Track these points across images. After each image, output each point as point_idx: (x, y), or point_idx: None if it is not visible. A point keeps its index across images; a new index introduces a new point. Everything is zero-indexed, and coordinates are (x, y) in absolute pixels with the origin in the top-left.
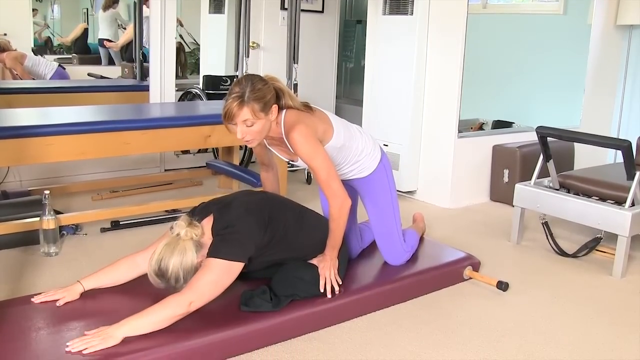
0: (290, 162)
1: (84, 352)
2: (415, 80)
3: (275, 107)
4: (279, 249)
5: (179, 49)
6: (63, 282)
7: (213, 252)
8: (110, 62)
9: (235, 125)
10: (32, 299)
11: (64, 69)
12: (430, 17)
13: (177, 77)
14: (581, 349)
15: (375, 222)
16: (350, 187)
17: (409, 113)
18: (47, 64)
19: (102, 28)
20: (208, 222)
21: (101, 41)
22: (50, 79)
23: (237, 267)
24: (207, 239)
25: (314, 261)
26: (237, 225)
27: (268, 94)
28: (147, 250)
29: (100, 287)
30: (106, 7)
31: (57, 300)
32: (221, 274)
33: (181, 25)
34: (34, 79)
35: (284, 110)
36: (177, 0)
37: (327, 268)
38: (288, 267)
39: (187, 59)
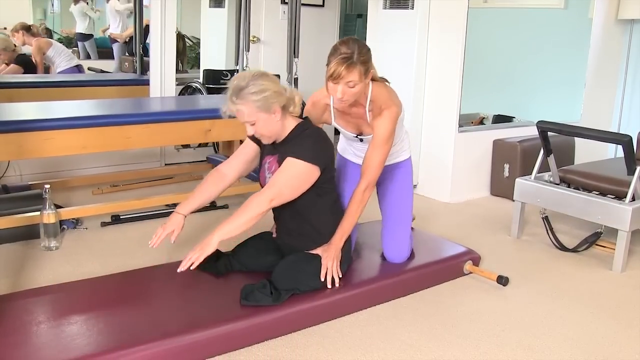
0: (358, 136)
1: (191, 267)
2: (415, 74)
3: (371, 74)
4: (314, 198)
5: (178, 36)
6: (64, 277)
7: (293, 153)
8: (90, 56)
9: (337, 85)
10: (149, 245)
11: (80, 70)
12: (431, 11)
13: (177, 71)
14: (581, 343)
15: (393, 213)
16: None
17: (409, 107)
18: (68, 58)
19: (77, 22)
20: (298, 120)
21: (78, 35)
22: (59, 72)
23: (313, 171)
24: (289, 123)
25: (318, 250)
26: (319, 137)
27: (369, 60)
28: (232, 159)
29: (196, 207)
30: (76, 0)
31: (170, 233)
32: (299, 174)
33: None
34: (49, 67)
35: (370, 82)
36: None
37: (330, 258)
38: (288, 260)
39: (185, 47)
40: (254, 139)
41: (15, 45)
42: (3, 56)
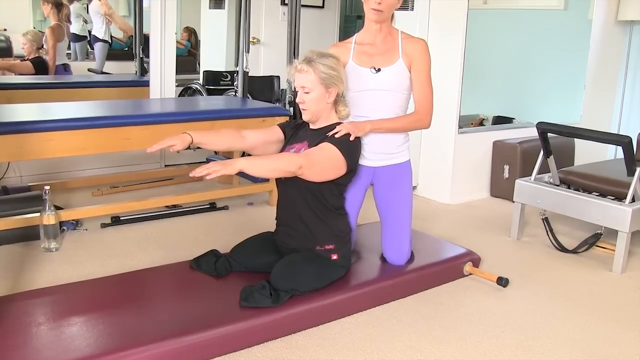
0: (375, 67)
1: (206, 177)
2: None
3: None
4: (323, 195)
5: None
6: (63, 278)
7: (332, 141)
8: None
9: None
10: (147, 150)
11: (65, 69)
12: (431, 12)
13: (177, 72)
14: (581, 345)
15: (393, 215)
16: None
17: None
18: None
19: (72, 22)
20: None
21: (72, 36)
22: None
23: (343, 165)
24: (333, 116)
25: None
26: (355, 139)
27: None
28: (254, 130)
29: (204, 144)
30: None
31: (171, 145)
32: (332, 159)
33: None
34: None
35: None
36: None
37: (346, 127)
38: (287, 260)
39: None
40: (282, 128)
41: (43, 45)
42: (27, 47)
